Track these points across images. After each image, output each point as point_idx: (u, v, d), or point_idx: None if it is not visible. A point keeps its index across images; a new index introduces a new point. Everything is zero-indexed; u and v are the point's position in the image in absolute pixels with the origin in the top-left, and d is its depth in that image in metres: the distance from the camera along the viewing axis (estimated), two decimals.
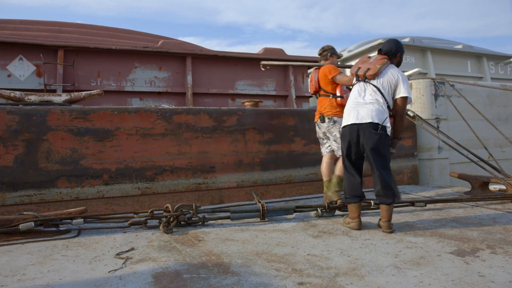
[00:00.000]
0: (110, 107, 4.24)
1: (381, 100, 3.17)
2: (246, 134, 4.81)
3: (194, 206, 3.45)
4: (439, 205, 4.12)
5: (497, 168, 4.73)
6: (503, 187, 4.53)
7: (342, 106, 4.07)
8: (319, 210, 3.70)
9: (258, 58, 6.91)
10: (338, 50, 13.29)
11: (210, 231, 3.27)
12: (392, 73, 3.26)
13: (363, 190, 3.27)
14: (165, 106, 5.52)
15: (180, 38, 7.99)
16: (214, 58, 6.69)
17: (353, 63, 4.22)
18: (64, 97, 4.54)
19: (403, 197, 4.59)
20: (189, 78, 6.38)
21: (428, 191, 5.10)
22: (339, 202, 3.72)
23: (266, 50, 7.07)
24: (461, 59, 10.76)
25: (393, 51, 3.35)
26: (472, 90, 6.44)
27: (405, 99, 3.21)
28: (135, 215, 3.45)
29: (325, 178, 4.17)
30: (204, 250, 2.72)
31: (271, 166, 4.92)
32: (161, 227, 3.25)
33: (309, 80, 4.39)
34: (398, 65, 3.41)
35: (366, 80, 3.30)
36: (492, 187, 4.74)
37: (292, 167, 5.02)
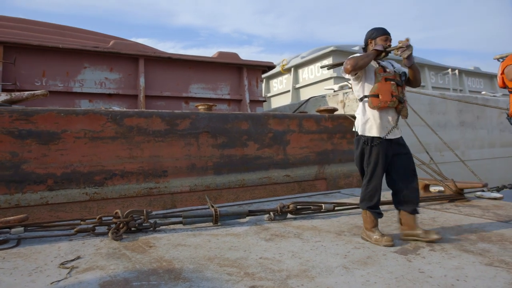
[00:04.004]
0: (56, 109, 4.04)
1: (359, 107, 3.07)
2: (200, 138, 4.77)
3: (145, 212, 3.36)
4: (385, 206, 4.29)
5: (436, 171, 5.05)
6: (442, 188, 4.84)
7: None
8: (271, 213, 3.75)
9: (212, 61, 6.90)
10: (291, 56, 13.41)
11: (162, 237, 3.20)
12: None
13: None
14: (116, 108, 5.35)
15: (133, 39, 7.77)
16: (168, 60, 6.58)
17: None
18: (4, 97, 4.26)
19: (352, 200, 4.76)
20: (142, 80, 6.23)
21: None
22: (291, 206, 3.80)
23: (221, 54, 7.07)
24: (406, 68, 11.35)
25: (364, 43, 3.17)
26: (416, 98, 6.82)
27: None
28: (82, 222, 3.30)
29: None
30: (155, 256, 2.66)
31: (225, 170, 4.91)
32: (110, 234, 3.14)
33: None
34: None
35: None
36: (432, 188, 5.04)
37: (245, 171, 5.05)
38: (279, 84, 11.84)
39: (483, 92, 11.23)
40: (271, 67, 7.67)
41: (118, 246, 2.94)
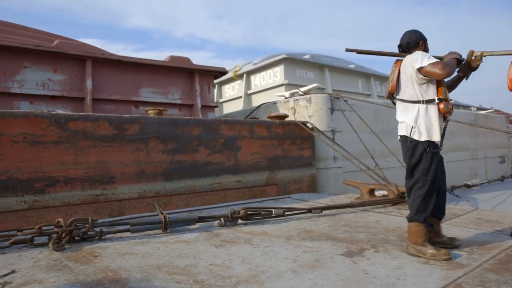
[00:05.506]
0: None
1: (405, 118, 2.93)
2: (149, 143, 4.66)
3: (90, 220, 3.22)
4: (333, 211, 4.45)
5: (381, 176, 5.30)
6: (386, 192, 5.09)
7: None
8: (222, 219, 3.74)
9: (164, 65, 6.78)
10: (244, 62, 13.59)
11: (108, 246, 3.08)
12: (406, 64, 2.91)
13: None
14: (60, 111, 5.09)
15: (81, 39, 7.44)
16: (117, 63, 6.36)
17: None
18: None
19: (301, 204, 4.87)
20: (89, 83, 5.97)
21: (324, 198, 5.49)
22: (242, 212, 3.81)
23: (172, 58, 6.96)
24: (354, 77, 11.87)
25: (413, 41, 2.99)
26: (362, 106, 7.13)
27: (420, 70, 2.78)
28: (18, 233, 3.08)
29: None
30: (100, 267, 2.55)
31: (175, 176, 4.83)
32: (50, 245, 2.96)
33: None
34: None
35: (394, 97, 3.12)
36: (377, 193, 5.28)
37: (196, 177, 4.99)
38: (231, 90, 11.88)
39: None
40: (223, 72, 7.67)
41: (60, 257, 2.79)
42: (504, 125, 12.27)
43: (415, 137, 2.82)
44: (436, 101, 2.81)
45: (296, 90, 7.62)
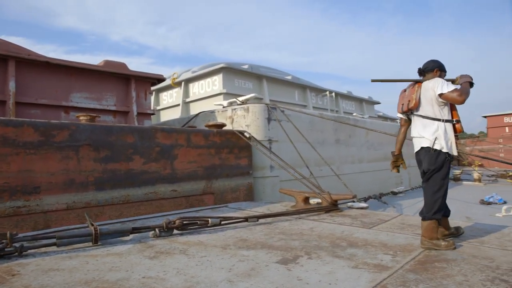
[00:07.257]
0: None
1: (425, 133, 3.26)
2: (80, 151, 4.42)
3: (8, 234, 2.97)
4: (269, 219, 4.52)
5: (315, 184, 5.51)
6: (320, 200, 5.29)
7: None
8: (157, 230, 3.65)
9: (97, 70, 6.49)
10: (182, 70, 13.51)
11: (30, 262, 2.86)
12: (428, 88, 3.28)
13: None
14: None
15: (3, 37, 6.88)
16: (45, 65, 5.96)
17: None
18: None
19: (238, 213, 4.90)
20: (12, 85, 5.53)
21: (261, 206, 5.57)
22: (177, 222, 3.74)
23: (107, 62, 6.69)
24: (291, 88, 12.25)
25: (429, 67, 3.37)
26: (298, 116, 7.38)
27: (440, 96, 3.16)
28: None
29: None
30: (18, 286, 2.35)
31: (107, 185, 4.61)
32: None
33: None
34: None
35: (412, 112, 3.40)
36: (312, 201, 5.48)
37: (130, 186, 4.82)
38: (169, 98, 11.67)
39: (354, 114, 12.67)
40: (161, 79, 7.52)
41: None
42: None
43: (437, 147, 3.19)
44: (454, 121, 3.27)
45: (234, 99, 7.69)
